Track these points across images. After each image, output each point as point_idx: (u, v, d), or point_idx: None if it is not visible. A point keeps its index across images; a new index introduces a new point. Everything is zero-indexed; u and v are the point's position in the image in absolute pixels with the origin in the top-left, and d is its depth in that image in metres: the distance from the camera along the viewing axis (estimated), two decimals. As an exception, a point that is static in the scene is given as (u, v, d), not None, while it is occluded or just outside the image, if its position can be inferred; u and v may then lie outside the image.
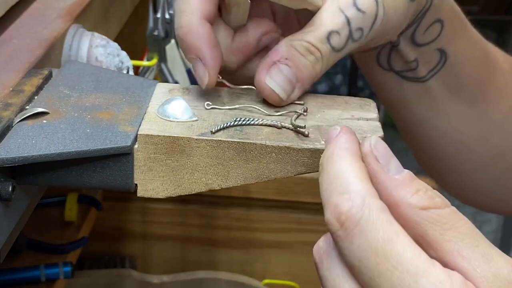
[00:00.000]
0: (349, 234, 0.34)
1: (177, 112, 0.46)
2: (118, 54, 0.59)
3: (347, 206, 0.34)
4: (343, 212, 0.34)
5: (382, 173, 0.36)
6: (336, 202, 0.35)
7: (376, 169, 0.37)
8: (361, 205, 0.34)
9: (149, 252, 1.14)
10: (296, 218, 1.07)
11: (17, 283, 0.87)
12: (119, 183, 0.45)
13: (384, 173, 0.36)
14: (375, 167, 0.37)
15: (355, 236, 0.34)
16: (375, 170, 0.37)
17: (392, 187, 0.36)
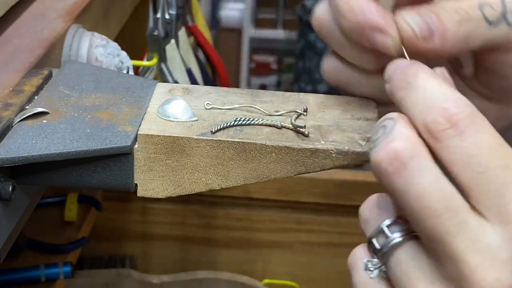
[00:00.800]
0: (460, 133, 0.35)
1: (177, 112, 0.46)
2: (118, 54, 0.59)
3: (458, 110, 0.36)
4: (455, 113, 0.36)
5: None
6: (445, 106, 0.36)
7: None
8: (469, 111, 0.36)
9: (149, 252, 1.14)
10: (296, 218, 1.07)
11: (17, 283, 0.87)
12: (119, 183, 0.45)
13: None
14: None
15: (467, 134, 0.35)
16: None
17: None
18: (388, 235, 0.38)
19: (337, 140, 0.44)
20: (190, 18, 1.04)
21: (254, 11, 3.17)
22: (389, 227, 0.38)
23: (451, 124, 0.35)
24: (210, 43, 1.09)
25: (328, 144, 0.44)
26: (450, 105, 0.36)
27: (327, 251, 1.08)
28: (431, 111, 0.36)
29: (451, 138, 0.35)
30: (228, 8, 3.21)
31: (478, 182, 0.35)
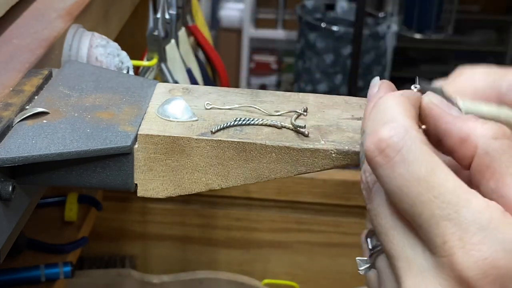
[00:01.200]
0: (389, 162, 0.35)
1: (177, 112, 0.46)
2: (118, 54, 0.59)
3: (389, 134, 0.35)
4: (384, 139, 0.35)
5: (447, 113, 0.37)
6: (377, 130, 0.35)
7: (440, 112, 0.38)
8: (402, 134, 0.35)
9: (149, 252, 1.14)
10: (296, 218, 1.07)
11: (17, 283, 0.87)
12: (119, 183, 0.45)
13: (450, 114, 0.37)
14: (439, 110, 0.38)
15: (396, 165, 0.35)
16: (440, 112, 0.38)
17: (462, 122, 0.36)
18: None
19: (337, 140, 0.44)
20: (190, 18, 1.04)
21: (254, 11, 3.17)
22: None
23: (379, 151, 0.35)
24: (210, 43, 1.09)
25: (328, 144, 0.44)
26: (383, 129, 0.35)
27: (327, 251, 1.08)
28: (368, 135, 0.36)
29: (382, 167, 0.35)
30: (228, 8, 3.21)
31: (411, 215, 0.35)
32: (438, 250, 0.34)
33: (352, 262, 1.13)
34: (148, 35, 0.86)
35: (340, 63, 2.55)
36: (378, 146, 0.35)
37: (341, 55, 2.54)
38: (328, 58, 2.57)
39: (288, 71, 3.19)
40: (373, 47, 2.57)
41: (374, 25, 2.60)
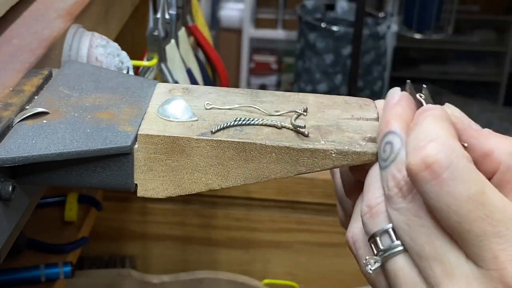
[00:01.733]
0: (437, 178, 0.36)
1: (177, 112, 0.46)
2: (118, 54, 0.59)
3: (436, 150, 0.36)
4: (431, 155, 0.36)
5: (470, 128, 0.39)
6: (423, 146, 0.36)
7: (464, 126, 0.39)
8: (450, 152, 0.36)
9: (149, 252, 1.14)
10: (296, 218, 1.07)
11: (17, 283, 0.87)
12: (119, 183, 0.45)
13: (473, 128, 0.39)
14: (463, 125, 0.39)
15: (444, 182, 0.35)
16: (463, 127, 0.39)
17: (485, 137, 0.38)
18: (393, 239, 0.39)
19: (337, 140, 0.44)
20: (190, 18, 1.04)
21: (254, 11, 3.17)
22: (395, 230, 0.39)
23: (426, 166, 0.36)
24: (210, 43, 1.09)
25: (328, 144, 0.44)
26: (430, 145, 0.36)
27: (327, 251, 1.07)
28: (412, 151, 0.37)
29: (428, 182, 0.36)
30: (228, 8, 3.21)
31: (458, 230, 0.36)
32: (486, 264, 0.35)
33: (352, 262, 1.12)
34: (148, 35, 0.86)
35: (340, 63, 2.55)
36: (425, 161, 0.36)
37: (341, 55, 2.54)
38: (328, 58, 2.57)
39: (288, 71, 3.19)
40: (373, 47, 2.57)
41: (374, 25, 2.60)
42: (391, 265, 0.39)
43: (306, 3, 2.73)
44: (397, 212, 0.38)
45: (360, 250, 0.42)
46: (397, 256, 0.39)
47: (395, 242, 0.39)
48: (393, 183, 0.38)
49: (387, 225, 0.39)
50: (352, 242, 0.42)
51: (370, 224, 0.40)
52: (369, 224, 0.40)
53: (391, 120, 0.40)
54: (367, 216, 0.40)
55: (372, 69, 2.59)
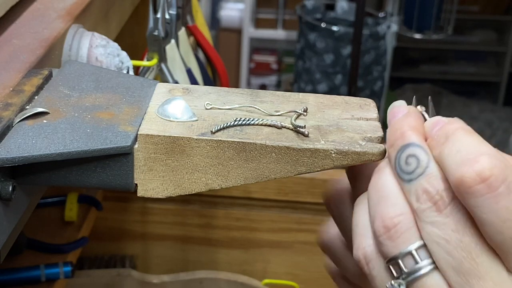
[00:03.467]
0: (492, 192, 0.35)
1: (177, 112, 0.46)
2: (118, 54, 0.59)
3: (491, 164, 0.35)
4: (487, 168, 0.35)
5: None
6: (475, 159, 0.35)
7: None
8: (503, 166, 0.35)
9: (149, 252, 1.14)
10: (296, 218, 1.07)
11: (17, 283, 0.87)
12: (119, 183, 0.45)
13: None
14: None
15: (500, 196, 0.35)
16: None
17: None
18: (417, 260, 0.38)
19: (337, 140, 0.44)
20: (190, 18, 1.04)
21: (254, 11, 3.17)
22: (418, 251, 0.38)
23: (482, 180, 0.35)
24: (210, 43, 1.09)
25: (328, 144, 0.44)
26: (484, 158, 0.35)
27: (327, 251, 1.07)
28: (463, 164, 0.36)
29: (483, 196, 0.35)
30: (228, 8, 3.21)
31: (506, 245, 0.35)
32: None
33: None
34: (148, 35, 0.86)
35: (340, 63, 2.55)
36: (480, 174, 0.35)
37: (341, 55, 2.54)
38: (328, 58, 2.57)
39: (288, 71, 3.19)
40: (373, 47, 2.57)
41: (374, 25, 2.60)
42: (421, 286, 0.38)
43: (306, 3, 2.73)
44: (432, 226, 0.37)
45: (375, 271, 0.40)
46: (426, 276, 0.38)
47: (421, 263, 0.38)
48: (426, 196, 0.37)
49: (410, 246, 0.38)
50: (365, 263, 0.41)
51: (389, 247, 0.39)
52: (388, 246, 0.39)
53: (408, 131, 0.39)
54: (384, 237, 0.39)
55: (372, 69, 2.59)
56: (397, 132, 0.40)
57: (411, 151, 0.39)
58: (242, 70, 3.19)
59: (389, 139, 0.40)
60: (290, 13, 3.12)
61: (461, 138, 0.37)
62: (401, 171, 0.39)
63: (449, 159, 0.37)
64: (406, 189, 0.38)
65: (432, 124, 0.40)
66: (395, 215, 0.39)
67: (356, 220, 0.42)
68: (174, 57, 0.91)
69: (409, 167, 0.38)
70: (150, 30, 0.87)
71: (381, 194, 0.40)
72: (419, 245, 0.38)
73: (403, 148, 0.39)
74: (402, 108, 0.41)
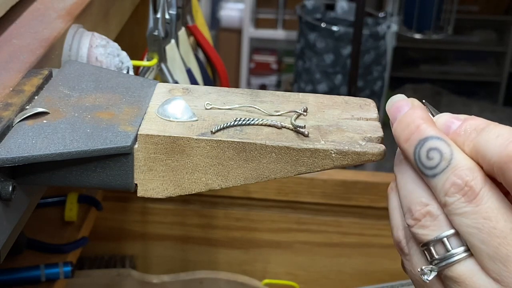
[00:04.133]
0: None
1: (177, 112, 0.46)
2: (118, 54, 0.59)
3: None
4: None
5: None
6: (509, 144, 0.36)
7: None
8: None
9: (149, 252, 1.14)
10: (296, 218, 1.07)
11: (17, 283, 0.87)
12: (119, 183, 0.45)
13: None
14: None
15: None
16: None
17: None
18: (448, 248, 0.38)
19: (337, 140, 0.44)
20: (190, 18, 1.04)
21: (254, 11, 3.17)
22: (449, 239, 0.38)
23: None
24: (210, 43, 1.09)
25: (328, 144, 0.44)
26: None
27: (327, 251, 1.08)
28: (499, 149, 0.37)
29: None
30: (228, 8, 3.21)
31: None
32: None
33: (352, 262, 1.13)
34: (148, 35, 0.86)
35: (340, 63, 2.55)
36: None
37: (341, 55, 2.54)
38: (328, 58, 2.57)
39: (288, 71, 3.19)
40: (373, 47, 2.57)
41: (374, 25, 2.60)
42: (454, 272, 0.38)
43: (306, 3, 2.73)
44: (463, 217, 0.37)
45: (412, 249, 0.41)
46: (460, 262, 0.38)
47: (453, 251, 0.38)
48: (454, 189, 0.38)
49: (440, 234, 0.38)
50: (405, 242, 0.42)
51: (420, 235, 0.39)
52: (420, 234, 0.39)
53: (423, 124, 0.39)
54: (415, 228, 0.39)
55: (372, 69, 2.59)
56: (411, 126, 0.39)
57: (431, 145, 0.38)
58: (242, 70, 3.19)
59: (402, 134, 0.40)
60: (290, 13, 3.12)
61: (495, 128, 0.38)
62: (424, 166, 0.39)
63: (490, 145, 0.37)
64: (431, 184, 0.39)
65: (443, 121, 0.40)
66: (422, 207, 0.39)
67: (390, 207, 0.43)
68: (174, 57, 0.91)
69: (432, 161, 0.38)
70: (150, 30, 0.86)
71: (405, 192, 0.40)
72: (450, 233, 0.38)
73: (421, 142, 0.39)
74: (404, 102, 0.41)
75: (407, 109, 0.40)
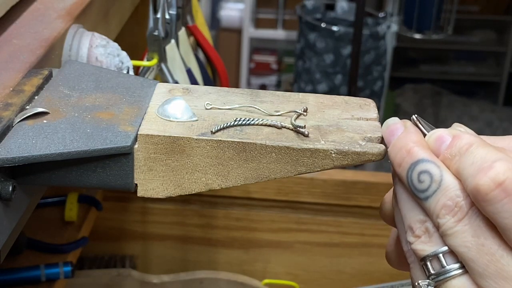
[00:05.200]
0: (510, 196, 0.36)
1: (177, 112, 0.46)
2: (118, 54, 0.59)
3: (504, 168, 0.36)
4: (501, 172, 0.36)
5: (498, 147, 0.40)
6: (489, 166, 0.36)
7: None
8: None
9: (149, 252, 1.14)
10: (296, 218, 1.07)
11: (17, 283, 0.87)
12: (119, 183, 0.45)
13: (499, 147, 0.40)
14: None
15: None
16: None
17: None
18: (443, 264, 0.39)
19: (337, 140, 0.44)
20: (190, 18, 1.04)
21: (254, 11, 3.17)
22: (444, 255, 0.39)
23: (497, 185, 0.36)
24: (210, 43, 1.09)
25: (328, 144, 0.44)
26: (497, 166, 0.36)
27: (327, 251, 1.08)
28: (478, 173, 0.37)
29: (501, 201, 0.36)
30: (228, 8, 3.21)
31: None
32: None
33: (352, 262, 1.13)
34: (148, 35, 0.86)
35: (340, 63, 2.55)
36: (495, 180, 0.36)
37: (341, 55, 2.54)
38: (328, 58, 2.57)
39: (288, 71, 3.19)
40: (373, 47, 2.57)
41: (374, 25, 2.60)
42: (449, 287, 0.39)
43: (306, 3, 2.73)
44: (453, 236, 0.38)
45: (412, 265, 0.42)
46: (455, 278, 0.39)
47: (448, 267, 0.39)
48: (445, 211, 0.38)
49: (436, 250, 0.39)
50: (408, 256, 0.42)
51: (418, 250, 0.40)
52: (418, 250, 0.40)
53: (414, 148, 0.40)
54: (414, 244, 0.40)
55: (372, 69, 2.59)
56: (402, 150, 0.40)
57: (422, 167, 0.39)
58: (242, 70, 3.19)
59: (395, 158, 0.41)
60: (290, 13, 3.12)
61: (475, 151, 0.38)
62: (416, 190, 0.40)
63: (465, 173, 0.38)
64: (425, 207, 0.40)
65: (435, 139, 0.41)
66: (421, 224, 0.40)
67: (396, 220, 0.44)
68: (174, 57, 0.91)
69: (423, 184, 0.39)
70: (150, 30, 0.86)
71: (405, 211, 0.41)
72: (444, 250, 0.39)
73: (412, 166, 0.40)
74: (398, 125, 0.42)
75: (400, 133, 0.41)
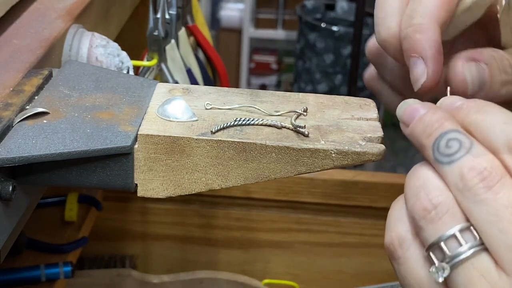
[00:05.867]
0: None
1: (177, 112, 0.46)
2: (118, 54, 0.59)
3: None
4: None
5: None
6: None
7: None
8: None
9: (149, 252, 1.14)
10: (296, 218, 1.07)
11: (17, 283, 0.87)
12: (119, 183, 0.45)
13: None
14: None
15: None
16: None
17: None
18: (461, 242, 0.37)
19: (337, 140, 0.44)
20: (190, 18, 1.04)
21: (254, 11, 3.17)
22: (462, 233, 0.37)
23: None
24: (210, 43, 1.09)
25: (328, 144, 0.44)
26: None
27: (327, 251, 1.08)
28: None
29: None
30: (228, 8, 3.21)
31: None
32: None
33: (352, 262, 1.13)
34: (148, 35, 0.86)
35: (340, 63, 2.55)
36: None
37: (341, 55, 2.54)
38: (328, 58, 2.57)
39: (288, 71, 3.19)
40: (373, 47, 2.56)
41: (374, 25, 2.60)
42: (465, 270, 0.36)
43: (306, 3, 2.73)
44: (481, 204, 0.36)
45: (408, 252, 0.39)
46: (473, 258, 0.36)
47: (466, 245, 0.36)
48: (472, 174, 0.36)
49: (453, 228, 0.37)
50: (398, 244, 0.39)
51: (430, 230, 0.37)
52: (429, 230, 0.37)
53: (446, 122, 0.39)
54: (424, 221, 0.37)
55: (372, 69, 2.59)
56: (434, 124, 0.39)
57: (451, 136, 0.38)
58: (242, 70, 3.19)
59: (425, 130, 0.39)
60: (290, 13, 3.12)
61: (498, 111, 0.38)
62: (440, 154, 0.38)
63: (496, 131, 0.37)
64: (446, 172, 0.37)
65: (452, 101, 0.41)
66: (434, 196, 0.37)
67: (391, 213, 0.41)
68: (174, 57, 0.92)
69: (450, 149, 0.37)
70: (150, 30, 0.86)
71: (417, 186, 0.39)
72: (463, 227, 0.37)
73: (442, 135, 0.38)
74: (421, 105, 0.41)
75: (424, 111, 0.40)
